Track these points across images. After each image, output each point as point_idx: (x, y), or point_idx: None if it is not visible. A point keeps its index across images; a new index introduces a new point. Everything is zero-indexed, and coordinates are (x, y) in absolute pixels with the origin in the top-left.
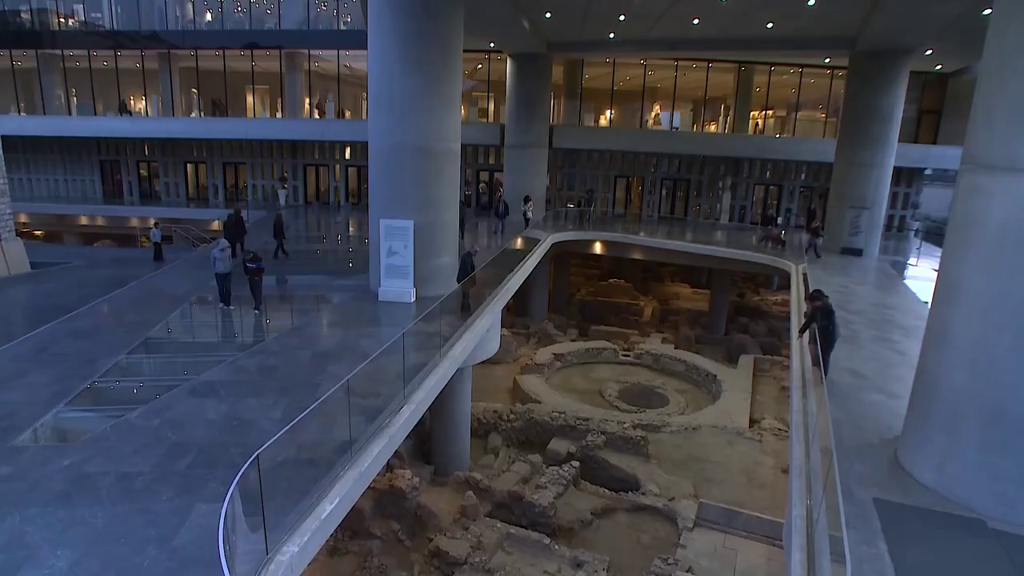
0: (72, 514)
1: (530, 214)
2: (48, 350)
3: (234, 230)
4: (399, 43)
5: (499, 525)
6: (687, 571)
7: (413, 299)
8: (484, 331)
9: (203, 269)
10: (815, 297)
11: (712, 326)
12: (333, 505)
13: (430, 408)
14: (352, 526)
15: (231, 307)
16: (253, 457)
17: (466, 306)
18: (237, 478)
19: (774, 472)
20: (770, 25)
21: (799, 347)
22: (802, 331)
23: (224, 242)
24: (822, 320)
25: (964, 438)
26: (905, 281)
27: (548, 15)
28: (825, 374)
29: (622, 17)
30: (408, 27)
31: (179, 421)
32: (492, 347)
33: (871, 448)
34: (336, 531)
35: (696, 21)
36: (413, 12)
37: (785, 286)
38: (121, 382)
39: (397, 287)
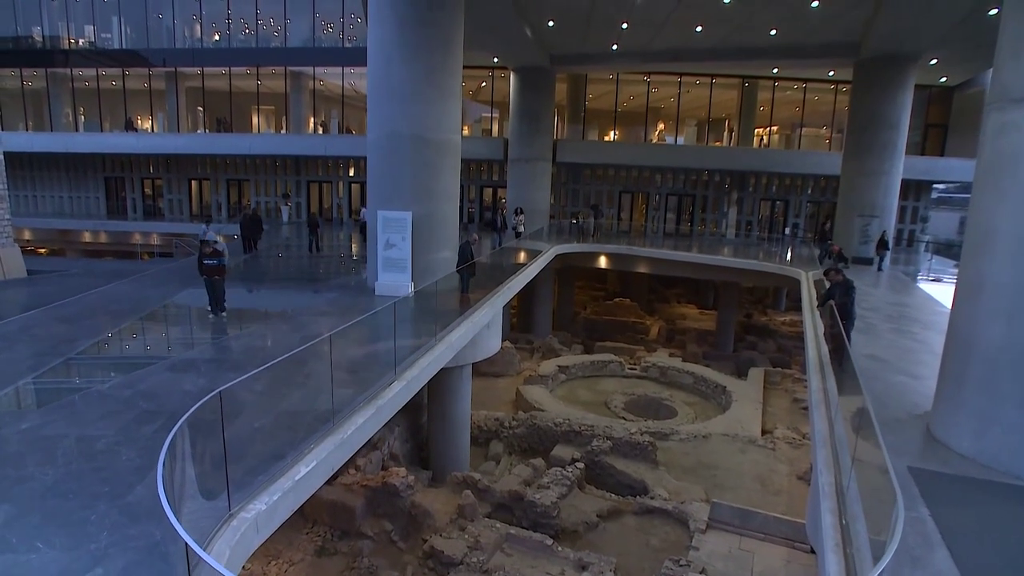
0: (21, 472)
1: (521, 228)
2: (31, 331)
3: (251, 228)
4: (398, 29)
5: (498, 525)
6: (700, 573)
7: (411, 292)
8: (484, 324)
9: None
10: (836, 272)
11: (719, 344)
12: (309, 468)
13: (429, 411)
14: (342, 525)
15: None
16: (215, 393)
17: (465, 295)
18: (189, 412)
19: (789, 479)
20: (773, 32)
21: (812, 325)
22: (820, 304)
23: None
24: (841, 297)
25: (1005, 397)
26: (919, 284)
27: (551, 23)
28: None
29: (625, 25)
30: (407, 13)
31: (153, 392)
32: (492, 346)
33: (900, 423)
34: (325, 531)
35: (699, 28)
36: None
37: (793, 308)
38: (98, 358)
39: (394, 280)
